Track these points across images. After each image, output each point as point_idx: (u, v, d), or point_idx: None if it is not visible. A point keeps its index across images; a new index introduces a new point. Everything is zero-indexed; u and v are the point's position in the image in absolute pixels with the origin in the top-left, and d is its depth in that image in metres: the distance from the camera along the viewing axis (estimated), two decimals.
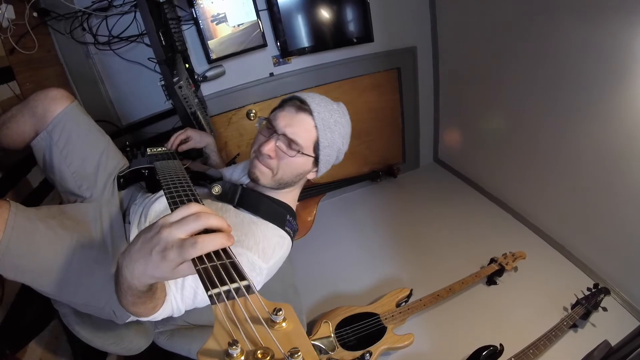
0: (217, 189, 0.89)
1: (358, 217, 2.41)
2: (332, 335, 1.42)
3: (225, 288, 0.41)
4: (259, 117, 0.83)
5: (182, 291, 0.73)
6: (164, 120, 1.96)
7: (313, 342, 1.38)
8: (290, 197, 0.94)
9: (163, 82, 1.37)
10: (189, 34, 1.86)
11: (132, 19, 1.71)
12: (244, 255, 0.76)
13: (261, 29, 1.95)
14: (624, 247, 1.57)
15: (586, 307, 1.50)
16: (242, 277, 0.43)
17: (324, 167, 0.88)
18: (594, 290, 1.57)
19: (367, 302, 1.71)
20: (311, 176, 0.90)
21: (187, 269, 0.46)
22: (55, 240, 0.79)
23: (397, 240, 2.15)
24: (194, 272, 0.45)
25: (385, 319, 1.58)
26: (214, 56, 1.89)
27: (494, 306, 1.67)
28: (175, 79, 1.35)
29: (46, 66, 1.61)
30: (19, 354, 0.96)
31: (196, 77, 1.89)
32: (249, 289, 0.42)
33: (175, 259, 0.45)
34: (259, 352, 0.32)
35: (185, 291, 0.73)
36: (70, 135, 0.96)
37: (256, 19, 1.91)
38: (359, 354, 1.45)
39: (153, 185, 1.04)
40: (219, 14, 1.82)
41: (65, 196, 1.02)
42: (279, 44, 2.06)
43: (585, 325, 1.51)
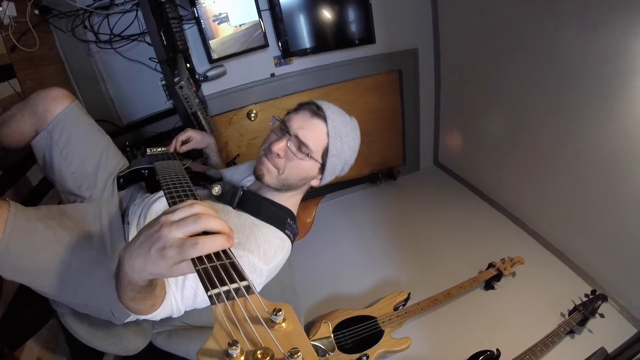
0: (217, 189, 0.89)
1: (357, 219, 2.41)
2: (332, 335, 1.43)
3: (225, 288, 0.41)
4: (274, 116, 0.84)
5: (183, 291, 0.73)
6: (164, 120, 1.95)
7: (313, 342, 1.38)
8: (291, 202, 0.94)
9: (164, 82, 1.37)
10: (190, 33, 1.86)
11: (133, 17, 1.71)
12: (245, 257, 0.76)
13: (263, 29, 1.95)
14: (622, 254, 1.57)
15: (583, 313, 1.50)
16: (242, 278, 0.43)
17: (328, 175, 0.89)
18: (591, 296, 1.57)
19: (364, 305, 1.71)
20: (315, 183, 0.91)
21: (186, 267, 0.47)
22: (55, 241, 0.79)
23: (396, 243, 2.15)
24: (193, 270, 0.45)
25: (383, 322, 1.58)
26: (215, 56, 1.89)
27: (491, 311, 1.67)
28: (176, 79, 1.35)
29: (47, 64, 1.61)
30: (17, 353, 0.96)
31: (197, 76, 1.89)
32: (248, 289, 0.42)
33: (174, 258, 0.45)
34: (258, 352, 0.32)
35: (186, 291, 0.73)
36: (71, 135, 0.96)
37: (258, 19, 1.91)
38: (355, 357, 1.45)
39: (153, 186, 1.04)
40: (220, 14, 1.81)
41: (65, 196, 1.01)
42: (280, 44, 2.06)
43: (582, 332, 1.51)
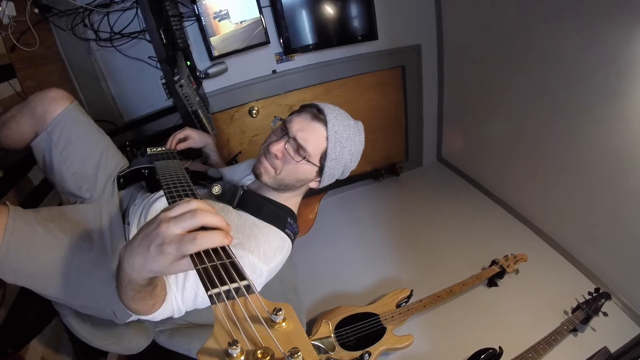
0: (217, 189, 0.89)
1: (360, 216, 2.40)
2: (332, 335, 1.43)
3: (225, 288, 0.41)
4: (275, 116, 0.84)
5: (183, 292, 0.73)
6: (165, 117, 1.95)
7: (313, 342, 1.39)
8: (292, 202, 0.94)
9: (164, 81, 1.36)
10: (191, 30, 1.85)
11: (133, 15, 1.70)
12: (245, 257, 0.76)
13: (264, 26, 1.93)
14: (626, 252, 1.56)
15: (587, 311, 1.49)
16: (242, 277, 0.43)
17: (327, 179, 0.88)
18: (594, 294, 1.56)
19: (367, 302, 1.71)
20: (313, 185, 0.90)
21: (185, 264, 0.47)
22: (55, 244, 0.79)
23: (399, 239, 2.14)
24: (192, 268, 0.45)
25: (385, 319, 1.58)
26: (216, 53, 1.88)
27: (494, 308, 1.66)
28: (176, 78, 1.34)
29: (48, 63, 1.60)
30: (21, 353, 0.97)
31: (198, 74, 1.88)
32: (249, 288, 0.42)
33: (173, 254, 0.45)
34: (258, 352, 0.32)
35: (186, 292, 0.73)
36: (70, 136, 0.96)
37: (259, 15, 1.89)
38: (358, 354, 1.46)
39: (153, 185, 1.04)
40: (221, 11, 1.80)
41: (65, 197, 1.02)
42: (281, 41, 2.04)
43: (585, 330, 1.51)
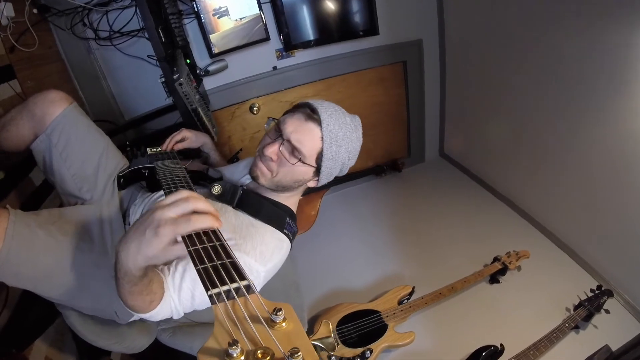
0: (217, 189, 0.89)
1: (361, 212, 2.40)
2: (332, 335, 1.44)
3: (225, 288, 0.41)
4: (268, 117, 0.83)
5: (180, 293, 0.73)
6: (166, 115, 1.95)
7: (313, 342, 1.40)
8: (291, 201, 0.94)
9: (163, 79, 1.36)
10: (190, 27, 1.84)
11: (132, 13, 1.68)
12: (240, 259, 0.75)
13: (264, 22, 1.92)
14: (629, 249, 1.55)
15: (589, 308, 1.49)
16: (242, 277, 0.43)
17: (325, 178, 0.87)
18: (597, 291, 1.56)
19: (368, 299, 1.72)
20: (312, 184, 0.90)
21: (179, 249, 0.50)
22: (55, 247, 0.80)
23: (401, 236, 2.14)
24: (186, 253, 0.48)
25: (387, 316, 1.59)
26: (216, 50, 1.87)
27: (495, 305, 1.66)
28: (175, 76, 1.34)
29: (47, 63, 1.60)
30: (25, 353, 0.98)
31: (198, 71, 1.87)
32: (249, 288, 0.42)
33: (169, 235, 0.48)
34: (259, 352, 0.32)
35: (183, 293, 0.73)
36: (69, 138, 0.96)
37: (258, 12, 1.87)
38: (359, 351, 1.47)
39: (153, 185, 1.04)
40: (220, 8, 1.78)
41: (66, 198, 1.02)
42: (282, 37, 2.03)
43: (587, 327, 1.50)
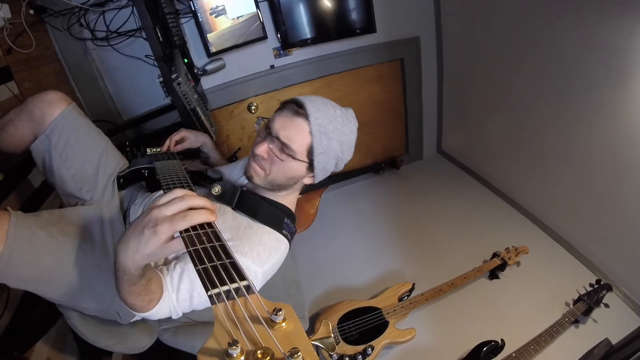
0: (216, 189, 0.89)
1: (360, 210, 2.40)
2: (332, 335, 1.45)
3: (225, 288, 0.41)
4: (258, 117, 0.83)
5: (178, 293, 0.74)
6: (164, 115, 1.94)
7: (313, 342, 1.40)
8: (289, 200, 0.94)
9: (161, 79, 1.35)
10: (187, 27, 1.83)
11: (129, 13, 1.68)
12: (238, 260, 0.76)
13: (261, 21, 1.91)
14: (628, 243, 1.55)
15: (588, 303, 1.50)
16: (242, 277, 0.43)
17: (320, 173, 0.86)
18: (596, 286, 1.57)
19: (369, 296, 1.72)
20: (308, 181, 0.89)
21: (177, 244, 0.51)
22: (56, 248, 0.80)
23: (400, 233, 2.15)
24: (184, 248, 0.49)
25: (388, 313, 1.59)
26: (213, 49, 1.86)
27: (495, 301, 1.67)
28: (173, 76, 1.33)
29: (44, 64, 1.59)
30: (27, 354, 0.98)
31: (196, 70, 1.87)
32: (249, 289, 0.42)
33: (166, 232, 0.50)
34: (259, 352, 0.32)
35: (181, 293, 0.74)
36: (69, 138, 0.96)
37: (255, 10, 1.87)
38: (360, 348, 1.47)
39: (153, 185, 1.04)
40: (217, 7, 1.78)
41: (66, 199, 1.02)
42: (279, 35, 2.03)
43: (586, 322, 1.52)
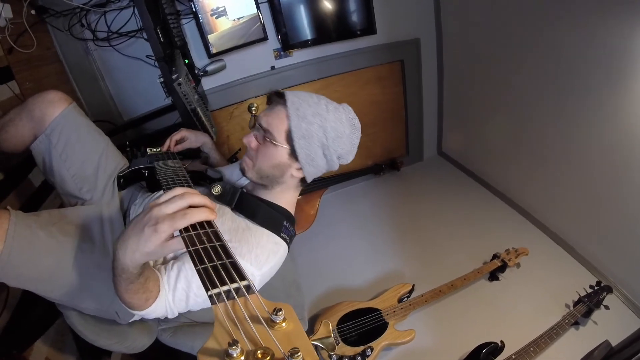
0: (217, 189, 0.89)
1: (361, 211, 2.40)
2: (332, 335, 1.44)
3: (225, 288, 0.41)
4: (253, 114, 0.83)
5: (174, 293, 0.74)
6: (165, 115, 1.95)
7: (313, 342, 1.40)
8: (286, 200, 0.91)
9: (162, 79, 1.36)
10: (188, 28, 1.84)
11: (130, 14, 1.68)
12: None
13: (261, 22, 1.92)
14: (628, 245, 1.55)
15: (588, 305, 1.50)
16: (242, 277, 0.43)
17: (307, 164, 0.82)
18: (596, 287, 1.56)
19: (369, 297, 1.72)
20: (296, 173, 0.85)
21: (176, 243, 0.52)
22: (56, 248, 0.80)
23: (400, 234, 2.14)
24: (183, 247, 0.49)
25: (387, 314, 1.59)
26: (214, 50, 1.87)
27: (495, 302, 1.67)
28: (174, 76, 1.34)
29: (46, 64, 1.60)
30: (25, 354, 0.98)
31: (196, 71, 1.87)
32: (249, 289, 0.42)
33: (167, 231, 0.50)
34: (259, 352, 0.32)
35: (177, 293, 0.74)
36: (69, 138, 0.96)
37: (256, 11, 1.88)
38: (360, 349, 1.47)
39: (154, 185, 1.04)
40: (218, 8, 1.79)
41: (66, 199, 1.02)
42: (279, 36, 2.03)
43: (586, 323, 1.51)
